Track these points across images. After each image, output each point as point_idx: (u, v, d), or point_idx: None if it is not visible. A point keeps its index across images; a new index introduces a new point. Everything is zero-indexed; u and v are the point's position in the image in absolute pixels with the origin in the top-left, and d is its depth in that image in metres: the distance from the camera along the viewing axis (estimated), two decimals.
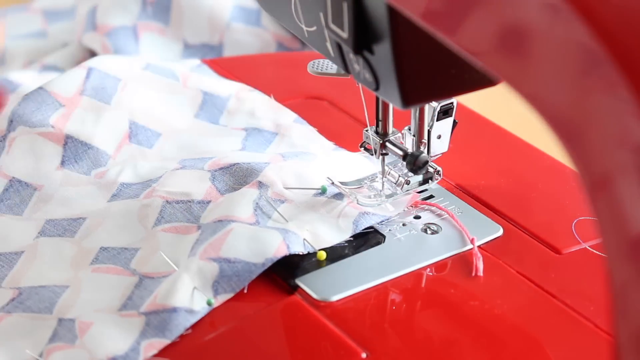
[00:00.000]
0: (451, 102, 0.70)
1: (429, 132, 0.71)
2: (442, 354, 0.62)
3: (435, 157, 0.72)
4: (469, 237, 0.69)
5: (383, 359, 0.61)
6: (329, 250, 0.68)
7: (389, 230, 0.70)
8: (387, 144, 0.71)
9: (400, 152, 0.70)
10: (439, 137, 0.71)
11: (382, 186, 0.72)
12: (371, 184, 0.73)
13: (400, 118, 0.72)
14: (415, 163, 0.69)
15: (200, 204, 0.71)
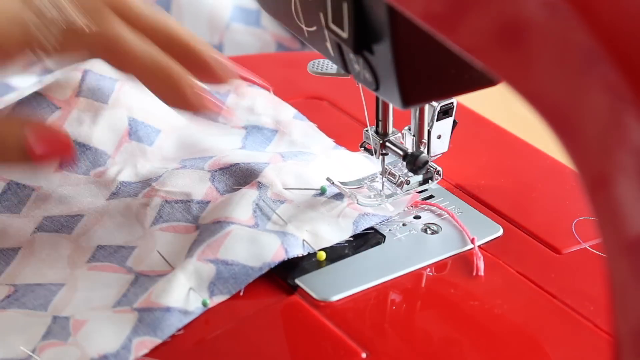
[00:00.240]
0: (451, 102, 0.70)
1: (429, 132, 0.71)
2: (442, 354, 0.62)
3: (435, 157, 0.72)
4: (470, 237, 0.69)
5: (383, 359, 0.61)
6: (329, 250, 0.68)
7: (389, 230, 0.70)
8: (387, 144, 0.71)
9: (400, 152, 0.70)
10: (439, 137, 0.71)
11: (382, 186, 0.72)
12: (371, 184, 0.73)
13: (400, 118, 0.72)
14: (415, 163, 0.69)
15: (200, 204, 0.71)
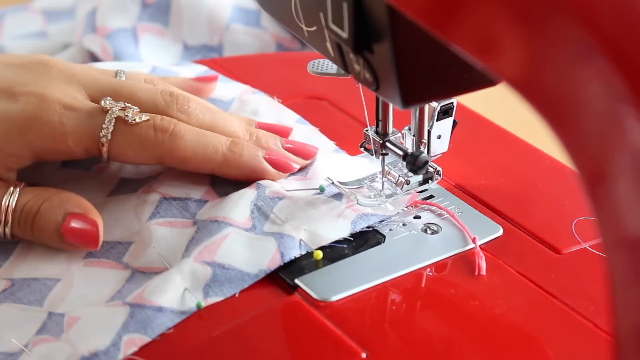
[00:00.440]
0: (451, 102, 0.70)
1: (429, 132, 0.71)
2: (442, 354, 0.62)
3: (435, 157, 0.72)
4: (471, 236, 0.69)
5: (383, 359, 0.61)
6: (329, 250, 0.68)
7: (389, 230, 0.70)
8: (387, 144, 0.71)
9: (400, 152, 0.70)
10: (439, 137, 0.71)
11: (382, 186, 0.72)
12: (371, 184, 0.73)
13: (400, 118, 0.72)
14: (415, 163, 0.69)
15: (198, 203, 0.71)
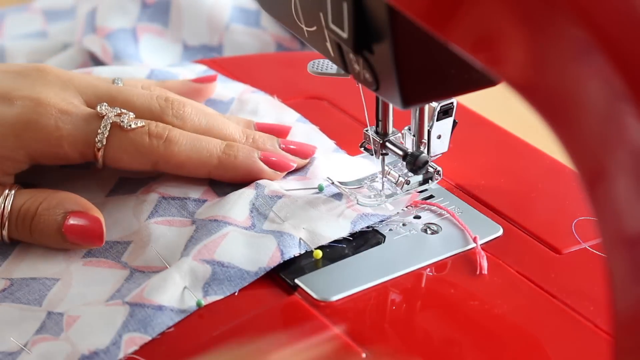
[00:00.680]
0: (451, 102, 0.70)
1: (429, 132, 0.71)
2: (442, 354, 0.62)
3: (435, 157, 0.72)
4: (472, 236, 0.69)
5: (383, 359, 0.61)
6: (329, 250, 0.68)
7: (389, 230, 0.70)
8: (387, 144, 0.71)
9: (400, 152, 0.70)
10: (439, 137, 0.71)
11: (382, 186, 0.72)
12: (371, 184, 0.73)
13: (400, 118, 0.72)
14: (415, 163, 0.69)
15: (196, 202, 0.71)
